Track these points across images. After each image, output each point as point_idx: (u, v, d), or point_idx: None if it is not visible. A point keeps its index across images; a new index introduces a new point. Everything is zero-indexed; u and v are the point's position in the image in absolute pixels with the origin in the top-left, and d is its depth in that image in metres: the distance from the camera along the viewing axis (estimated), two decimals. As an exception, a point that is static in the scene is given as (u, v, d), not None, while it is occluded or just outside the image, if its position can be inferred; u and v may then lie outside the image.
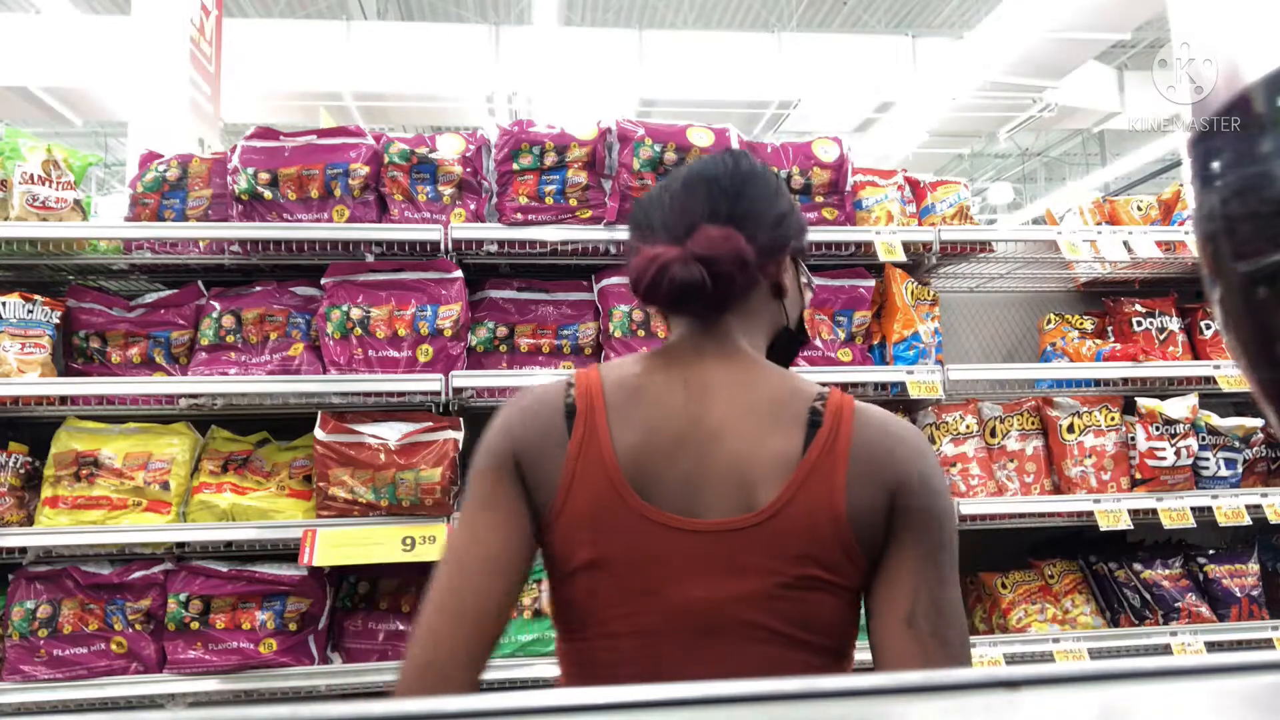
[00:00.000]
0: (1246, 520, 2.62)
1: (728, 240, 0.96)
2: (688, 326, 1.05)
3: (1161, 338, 2.92)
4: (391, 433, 2.34)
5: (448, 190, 2.54)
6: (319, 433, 2.33)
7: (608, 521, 0.95)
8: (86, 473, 2.35)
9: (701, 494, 0.95)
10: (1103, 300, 3.08)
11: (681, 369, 1.02)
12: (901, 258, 2.60)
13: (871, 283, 2.69)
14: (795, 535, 0.91)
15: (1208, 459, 2.71)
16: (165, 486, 2.36)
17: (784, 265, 1.08)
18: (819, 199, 2.64)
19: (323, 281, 2.49)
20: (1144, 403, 2.67)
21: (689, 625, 0.92)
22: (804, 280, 1.14)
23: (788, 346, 1.14)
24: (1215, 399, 2.84)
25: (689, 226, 0.99)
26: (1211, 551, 2.80)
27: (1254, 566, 2.75)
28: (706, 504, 0.94)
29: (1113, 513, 2.56)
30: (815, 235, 2.61)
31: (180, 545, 2.39)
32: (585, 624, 0.98)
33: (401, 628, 2.43)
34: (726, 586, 0.92)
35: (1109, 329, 3.03)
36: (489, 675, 2.43)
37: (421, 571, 2.46)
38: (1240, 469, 2.73)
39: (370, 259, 2.54)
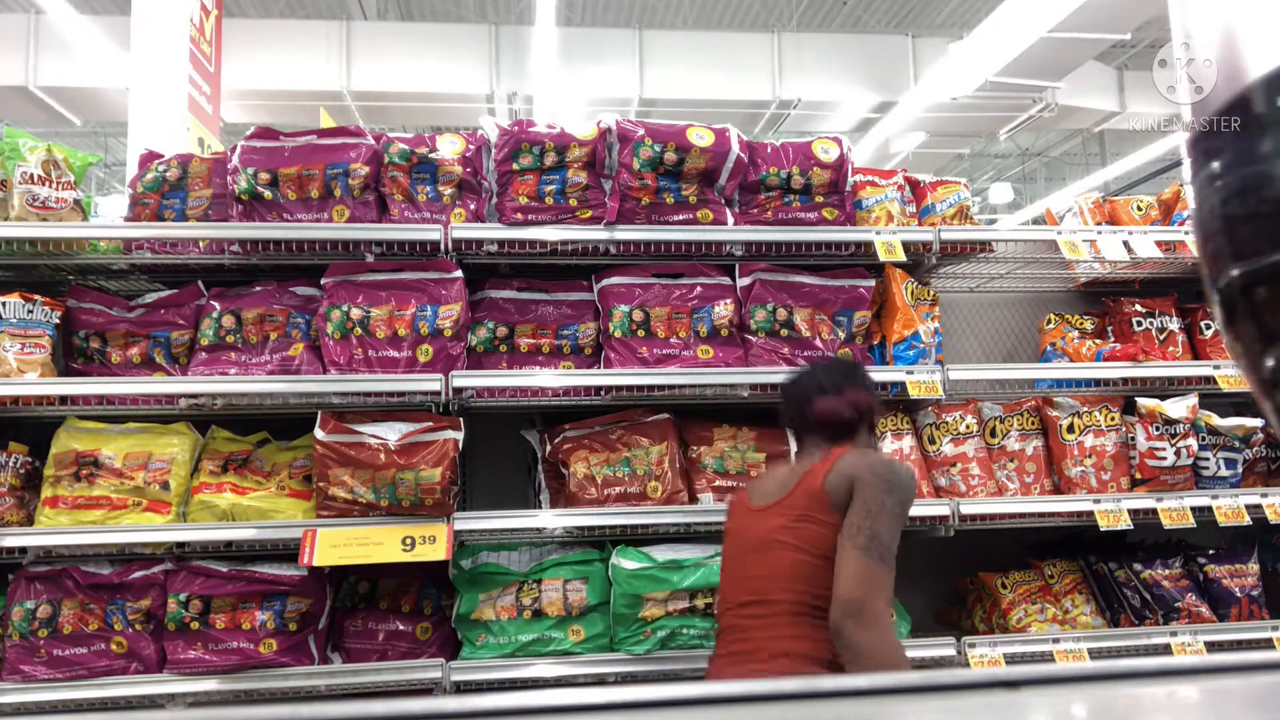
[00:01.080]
0: (1246, 520, 2.62)
1: (861, 398, 1.96)
2: (819, 438, 1.96)
3: (1161, 338, 2.92)
4: (391, 433, 2.34)
5: (448, 190, 2.54)
6: (319, 433, 2.33)
7: (733, 514, 2.04)
8: (86, 473, 2.35)
9: (768, 494, 1.93)
10: (1103, 300, 3.08)
11: (791, 461, 2.30)
12: (901, 258, 2.60)
13: (871, 283, 2.69)
14: (798, 502, 1.83)
15: (1208, 459, 2.71)
16: (165, 486, 2.36)
17: (874, 411, 2.02)
18: (819, 199, 2.64)
19: (323, 281, 2.49)
20: (1144, 403, 2.67)
21: (754, 544, 1.88)
22: (876, 413, 2.05)
23: (867, 444, 2.02)
24: (1215, 399, 2.84)
25: (839, 389, 1.95)
26: (1211, 551, 2.80)
27: (1254, 566, 2.75)
28: (769, 497, 1.92)
29: (1113, 513, 2.56)
30: (815, 235, 2.62)
31: (180, 545, 2.39)
32: (724, 555, 2.02)
33: (401, 628, 2.43)
34: (769, 525, 1.85)
35: (1109, 329, 3.02)
36: (489, 675, 2.42)
37: (422, 571, 2.46)
38: (1240, 469, 2.73)
39: (370, 259, 2.53)
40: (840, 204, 2.66)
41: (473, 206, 2.55)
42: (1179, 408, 2.64)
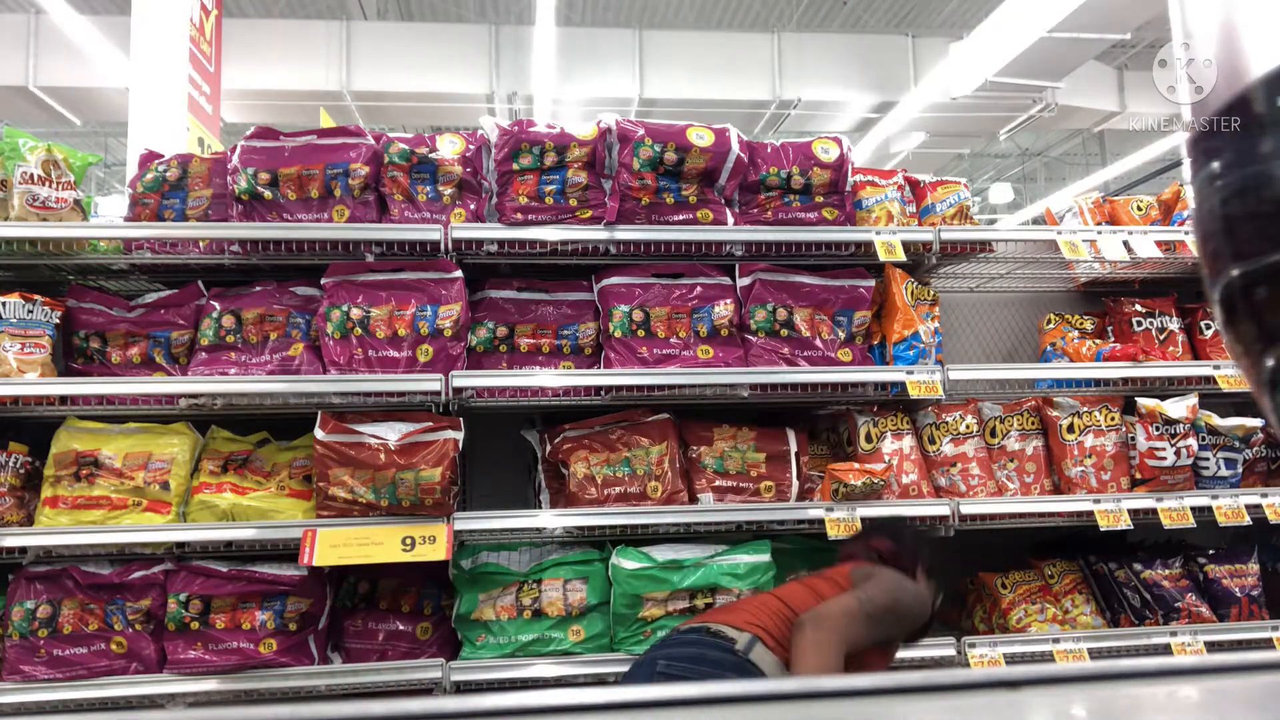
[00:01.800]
0: (1246, 520, 2.62)
1: (884, 546, 2.13)
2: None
3: (1161, 338, 2.92)
4: (391, 433, 2.34)
5: (448, 190, 2.54)
6: (319, 433, 2.33)
7: None
8: (86, 473, 2.35)
9: None
10: (1103, 300, 3.08)
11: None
12: (901, 258, 2.60)
13: (871, 283, 2.69)
14: (824, 574, 2.06)
15: (1208, 459, 2.71)
16: (165, 486, 2.36)
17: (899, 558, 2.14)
18: (819, 199, 2.64)
19: (323, 281, 2.49)
20: (1144, 403, 2.67)
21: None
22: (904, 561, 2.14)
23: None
24: (1215, 399, 2.84)
25: (866, 535, 2.23)
26: (1211, 551, 2.80)
27: (1254, 566, 2.75)
28: None
29: (1113, 513, 2.56)
30: (815, 235, 2.62)
31: (180, 545, 2.39)
32: None
33: (401, 628, 2.43)
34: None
35: (1109, 329, 3.02)
36: (489, 675, 2.42)
37: (422, 571, 2.46)
38: (1240, 469, 2.73)
39: (370, 259, 2.53)
40: (840, 204, 2.66)
41: (473, 206, 2.55)
42: (1179, 408, 2.64)
